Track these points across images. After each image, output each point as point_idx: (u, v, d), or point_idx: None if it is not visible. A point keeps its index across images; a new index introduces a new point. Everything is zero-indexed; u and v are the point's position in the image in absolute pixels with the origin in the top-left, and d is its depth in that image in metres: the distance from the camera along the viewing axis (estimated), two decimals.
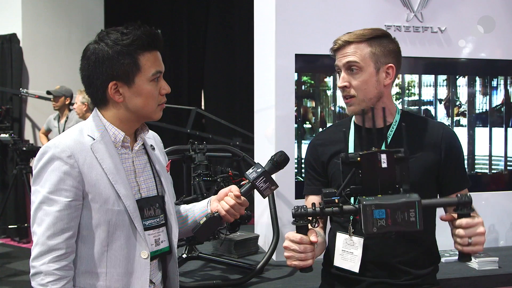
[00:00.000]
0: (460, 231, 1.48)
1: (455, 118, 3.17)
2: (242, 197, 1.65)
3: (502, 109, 3.21)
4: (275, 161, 1.69)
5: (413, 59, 3.08)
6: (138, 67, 1.52)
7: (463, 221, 1.47)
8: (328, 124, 2.94)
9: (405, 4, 3.05)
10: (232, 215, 1.65)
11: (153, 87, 1.55)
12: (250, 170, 1.68)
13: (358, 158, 1.43)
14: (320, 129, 2.91)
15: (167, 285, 1.68)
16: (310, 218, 1.50)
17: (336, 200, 1.47)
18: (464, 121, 3.18)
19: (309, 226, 1.53)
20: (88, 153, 1.50)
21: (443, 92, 3.15)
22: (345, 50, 1.80)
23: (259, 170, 1.66)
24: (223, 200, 1.66)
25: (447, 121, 3.14)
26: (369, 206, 1.36)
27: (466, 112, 3.18)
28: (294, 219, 1.52)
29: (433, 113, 3.15)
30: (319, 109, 3.02)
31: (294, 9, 2.91)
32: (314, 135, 2.87)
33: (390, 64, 1.80)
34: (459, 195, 1.47)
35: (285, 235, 1.57)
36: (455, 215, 1.48)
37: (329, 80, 3.01)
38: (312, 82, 3.00)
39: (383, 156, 1.41)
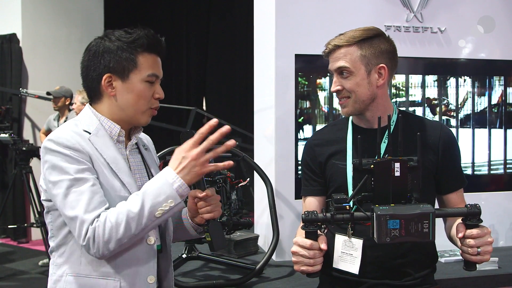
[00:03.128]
0: (471, 241, 1.50)
1: (443, 117, 3.17)
2: (205, 192, 1.59)
3: (494, 109, 3.21)
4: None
5: (413, 59, 3.08)
6: (135, 64, 1.55)
7: (474, 231, 1.50)
8: (324, 125, 2.93)
9: (405, 4, 3.05)
10: (217, 210, 1.62)
11: (146, 87, 1.57)
12: None
13: (372, 166, 1.43)
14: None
15: (159, 285, 1.68)
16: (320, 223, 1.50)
17: (347, 206, 1.47)
18: (461, 121, 3.18)
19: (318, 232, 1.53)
20: (88, 144, 1.51)
21: (433, 92, 3.14)
22: (336, 54, 1.81)
23: None
24: (200, 211, 1.61)
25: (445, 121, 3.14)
26: (384, 216, 1.36)
27: (466, 113, 3.18)
28: (304, 224, 1.51)
29: (430, 114, 3.14)
30: (316, 110, 3.01)
31: (294, 9, 2.91)
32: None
33: (381, 65, 1.79)
34: (468, 205, 1.50)
35: (294, 240, 1.57)
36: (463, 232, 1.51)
37: (324, 81, 3.00)
38: (306, 83, 2.99)
39: (397, 165, 1.41)
